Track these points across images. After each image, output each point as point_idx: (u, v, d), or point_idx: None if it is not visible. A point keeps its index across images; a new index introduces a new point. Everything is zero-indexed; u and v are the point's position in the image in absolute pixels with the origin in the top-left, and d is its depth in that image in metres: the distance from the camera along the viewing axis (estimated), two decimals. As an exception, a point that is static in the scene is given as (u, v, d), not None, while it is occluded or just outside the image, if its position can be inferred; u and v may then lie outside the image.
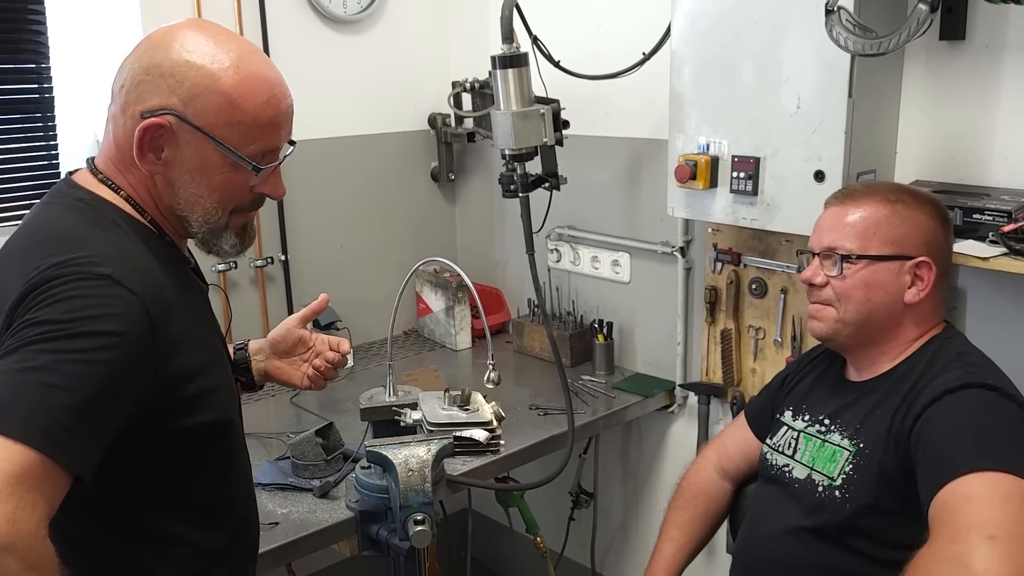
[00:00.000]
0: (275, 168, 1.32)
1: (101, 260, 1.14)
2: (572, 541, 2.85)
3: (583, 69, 2.42)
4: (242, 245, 1.37)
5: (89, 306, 1.10)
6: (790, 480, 1.65)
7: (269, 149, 1.28)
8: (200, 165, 1.24)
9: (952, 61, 1.90)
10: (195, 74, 1.20)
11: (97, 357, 1.09)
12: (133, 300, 1.13)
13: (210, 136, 1.22)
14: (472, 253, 3.16)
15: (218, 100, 1.21)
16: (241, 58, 1.24)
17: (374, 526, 1.61)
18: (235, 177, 1.27)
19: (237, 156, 1.24)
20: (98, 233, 1.20)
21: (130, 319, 1.13)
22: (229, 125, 1.22)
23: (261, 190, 1.32)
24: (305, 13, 2.70)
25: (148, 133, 1.21)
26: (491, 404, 2.14)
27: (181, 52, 1.21)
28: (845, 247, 1.59)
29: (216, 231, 1.31)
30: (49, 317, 1.08)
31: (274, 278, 2.75)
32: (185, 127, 1.21)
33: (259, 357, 1.69)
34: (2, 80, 2.42)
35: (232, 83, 1.22)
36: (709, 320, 2.43)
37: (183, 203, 1.27)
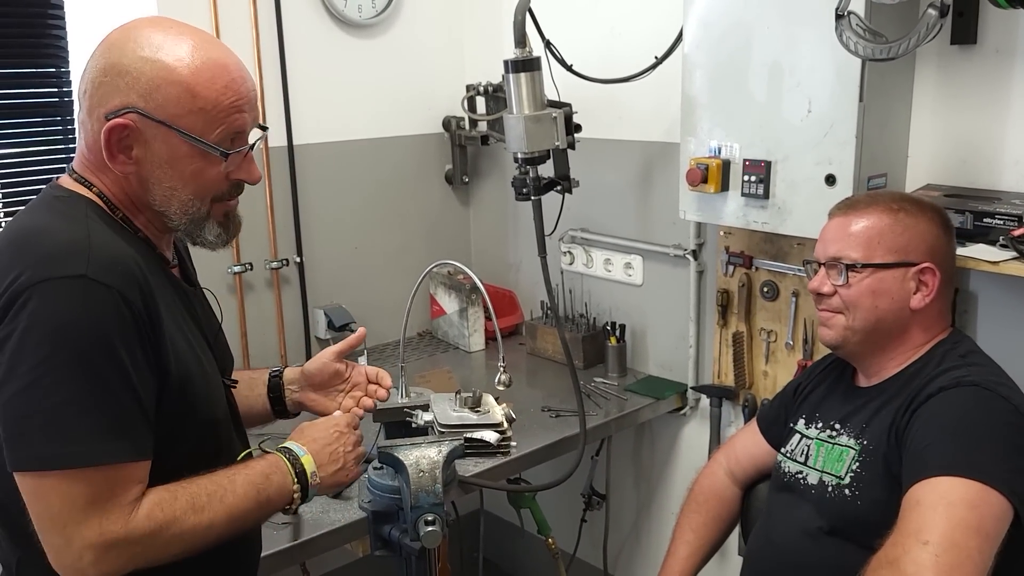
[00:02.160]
0: (247, 153, 1.32)
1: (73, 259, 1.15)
2: (584, 543, 2.86)
3: (596, 73, 2.43)
4: (227, 234, 1.36)
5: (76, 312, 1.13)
6: (805, 487, 1.66)
7: (235, 133, 1.27)
8: (170, 158, 1.24)
9: (963, 65, 1.91)
10: (151, 68, 1.21)
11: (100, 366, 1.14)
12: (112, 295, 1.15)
13: (174, 128, 1.22)
14: (486, 255, 3.18)
15: (177, 91, 1.21)
16: (195, 47, 1.24)
17: (386, 526, 1.63)
18: (206, 166, 1.26)
19: (204, 144, 1.24)
20: (68, 226, 1.21)
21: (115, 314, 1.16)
22: (191, 114, 1.22)
23: (236, 176, 1.31)
24: (320, 17, 2.73)
25: (114, 134, 1.21)
26: (502, 406, 2.16)
27: (136, 49, 1.22)
28: (850, 256, 1.61)
29: (197, 221, 1.31)
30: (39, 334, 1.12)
31: (289, 280, 2.78)
32: (149, 123, 1.21)
33: (293, 387, 1.65)
34: (22, 84, 2.46)
35: (189, 72, 1.22)
36: (721, 323, 2.43)
37: (159, 199, 1.27)
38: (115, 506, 1.15)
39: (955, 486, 1.38)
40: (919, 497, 1.40)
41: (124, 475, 1.17)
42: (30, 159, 2.49)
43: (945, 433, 1.45)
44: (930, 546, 1.33)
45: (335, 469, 1.44)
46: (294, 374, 1.66)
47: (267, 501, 1.32)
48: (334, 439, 1.45)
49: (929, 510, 1.37)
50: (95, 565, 1.15)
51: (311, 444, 1.41)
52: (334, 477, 1.44)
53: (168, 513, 1.20)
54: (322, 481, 1.40)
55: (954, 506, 1.36)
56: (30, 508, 1.16)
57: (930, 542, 1.33)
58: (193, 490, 1.23)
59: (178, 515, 1.20)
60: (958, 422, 1.46)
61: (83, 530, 1.14)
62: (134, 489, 1.18)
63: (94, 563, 1.15)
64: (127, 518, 1.16)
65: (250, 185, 1.35)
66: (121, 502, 1.16)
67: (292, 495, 1.35)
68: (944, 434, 1.45)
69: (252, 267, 2.66)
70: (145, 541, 1.18)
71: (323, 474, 1.40)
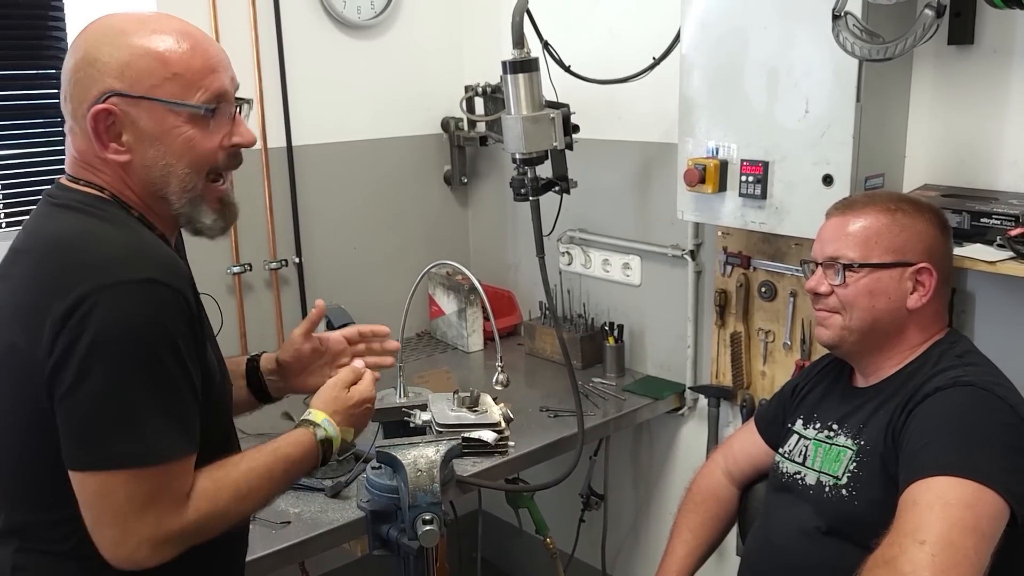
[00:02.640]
0: (235, 116, 1.32)
1: (138, 262, 1.18)
2: (582, 542, 2.87)
3: (594, 74, 2.44)
4: (223, 220, 1.36)
5: (147, 315, 1.16)
6: (803, 487, 1.67)
7: (216, 93, 1.27)
8: (159, 132, 1.24)
9: (961, 65, 1.91)
10: (117, 50, 1.22)
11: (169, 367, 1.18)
12: (177, 297, 1.19)
13: (155, 99, 1.23)
14: (485, 256, 3.18)
15: (147, 62, 1.22)
16: (156, 21, 1.26)
17: (384, 526, 1.64)
18: (196, 134, 1.26)
19: (187, 106, 1.24)
20: (117, 230, 1.23)
21: (179, 316, 1.20)
22: (167, 81, 1.23)
23: (229, 142, 1.31)
24: (319, 18, 2.73)
25: (99, 122, 1.22)
26: (500, 406, 2.16)
27: (100, 38, 1.24)
28: (847, 256, 1.61)
29: (195, 202, 1.31)
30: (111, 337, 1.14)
31: (288, 280, 2.78)
32: (129, 101, 1.22)
33: (273, 378, 1.66)
34: (22, 85, 2.46)
35: (155, 43, 1.23)
36: (719, 323, 2.44)
37: (158, 181, 1.27)
38: (171, 500, 1.20)
39: (952, 486, 1.38)
40: (916, 497, 1.40)
41: (181, 469, 1.22)
42: (30, 160, 2.49)
43: (942, 433, 1.45)
44: (927, 545, 1.33)
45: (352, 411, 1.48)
46: (270, 363, 1.67)
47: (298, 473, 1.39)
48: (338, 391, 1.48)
49: (926, 510, 1.37)
50: (152, 557, 1.20)
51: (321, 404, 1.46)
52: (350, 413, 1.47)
53: (215, 504, 1.25)
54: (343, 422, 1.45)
55: (950, 506, 1.36)
56: (89, 504, 1.19)
57: (927, 541, 1.33)
58: (236, 478, 1.29)
59: (224, 506, 1.26)
60: (955, 422, 1.46)
61: (141, 525, 1.18)
62: (187, 481, 1.23)
63: (151, 556, 1.20)
64: (182, 512, 1.21)
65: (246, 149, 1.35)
66: (176, 496, 1.21)
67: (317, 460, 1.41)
68: (941, 434, 1.45)
69: (251, 268, 2.66)
70: (197, 531, 1.23)
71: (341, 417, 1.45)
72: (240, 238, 2.63)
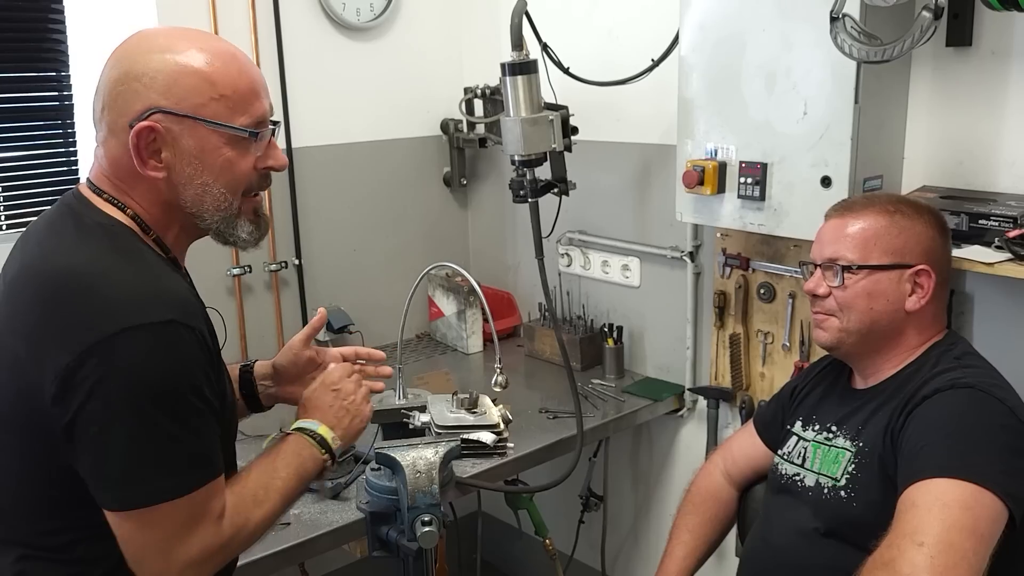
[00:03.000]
0: (271, 139, 1.33)
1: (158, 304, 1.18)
2: (582, 544, 2.87)
3: (593, 75, 2.44)
4: (258, 231, 1.37)
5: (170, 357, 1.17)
6: (802, 489, 1.67)
7: (258, 118, 1.28)
8: (199, 152, 1.25)
9: (959, 67, 1.91)
10: (164, 66, 1.22)
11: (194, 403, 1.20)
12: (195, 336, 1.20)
13: (199, 119, 1.23)
14: (484, 257, 3.18)
15: (195, 80, 1.22)
16: (199, 39, 1.26)
17: (384, 527, 1.64)
18: (236, 156, 1.27)
19: (231, 128, 1.25)
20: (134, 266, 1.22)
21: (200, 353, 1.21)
22: (213, 101, 1.23)
23: (263, 164, 1.32)
24: (319, 20, 2.74)
25: (142, 139, 1.22)
26: (499, 407, 2.17)
27: (145, 53, 1.23)
28: (846, 258, 1.61)
29: (230, 219, 1.32)
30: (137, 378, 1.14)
31: (288, 282, 2.78)
32: (173, 119, 1.22)
33: (267, 383, 1.66)
34: (23, 88, 2.46)
35: (201, 62, 1.23)
36: (718, 324, 2.44)
37: (192, 199, 1.27)
38: (208, 520, 1.22)
39: (950, 488, 1.38)
40: (914, 499, 1.40)
41: (212, 491, 1.23)
42: (30, 163, 2.50)
43: (940, 435, 1.46)
44: (925, 547, 1.33)
45: (348, 422, 1.48)
46: (265, 369, 1.67)
47: (307, 474, 1.39)
48: (334, 398, 1.49)
49: (924, 511, 1.37)
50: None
51: (318, 413, 1.46)
52: (351, 429, 1.49)
53: (243, 515, 1.28)
54: (344, 439, 1.46)
55: (949, 508, 1.36)
56: (129, 540, 1.20)
57: (925, 543, 1.34)
58: (251, 487, 1.31)
59: (250, 515, 1.29)
60: (953, 424, 1.46)
61: (185, 549, 1.20)
62: (220, 500, 1.25)
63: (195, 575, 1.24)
64: (219, 529, 1.24)
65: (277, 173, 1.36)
66: (212, 515, 1.23)
67: (324, 462, 1.42)
68: (939, 436, 1.46)
69: (251, 269, 2.66)
70: (232, 545, 1.27)
71: (341, 434, 1.46)
72: (240, 240, 2.63)
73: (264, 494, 1.32)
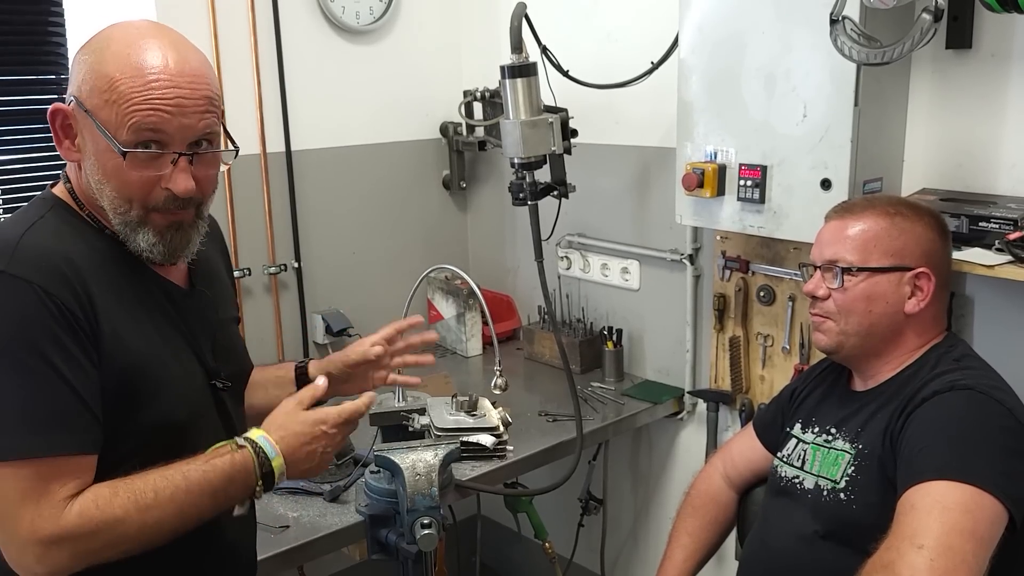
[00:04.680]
0: (177, 161, 1.23)
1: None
2: (582, 547, 2.86)
3: (592, 78, 2.44)
4: (165, 248, 1.28)
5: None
6: (801, 491, 1.66)
7: (146, 137, 1.21)
8: (95, 151, 1.24)
9: (959, 70, 1.91)
10: (90, 59, 1.23)
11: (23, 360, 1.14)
12: (31, 289, 1.15)
13: (92, 118, 1.21)
14: (483, 260, 3.18)
15: (100, 82, 1.21)
16: (143, 43, 1.22)
17: (383, 530, 1.64)
18: (123, 166, 1.22)
19: (110, 138, 1.20)
20: (10, 226, 1.25)
21: (37, 308, 1.15)
22: (107, 105, 1.20)
23: (166, 184, 1.24)
24: (319, 24, 2.74)
25: (56, 119, 1.25)
26: (499, 410, 2.16)
27: (93, 43, 1.25)
28: (846, 260, 1.61)
29: (130, 225, 1.26)
30: None
31: (287, 285, 2.78)
32: (79, 112, 1.23)
33: None
34: (22, 91, 2.47)
35: (116, 64, 1.20)
36: (718, 327, 2.44)
37: (96, 192, 1.26)
38: (47, 502, 1.14)
39: (950, 490, 1.38)
40: (914, 501, 1.40)
41: (57, 469, 1.16)
42: (29, 165, 2.49)
43: (940, 437, 1.45)
44: (925, 550, 1.33)
45: (306, 467, 1.36)
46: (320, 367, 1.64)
47: (225, 499, 1.27)
48: (314, 438, 1.35)
49: (924, 514, 1.37)
50: (39, 562, 1.15)
51: (288, 440, 1.32)
52: (302, 471, 1.36)
53: (106, 511, 1.17)
54: (287, 475, 1.33)
55: (949, 510, 1.36)
56: None
57: (925, 546, 1.33)
58: (138, 486, 1.19)
59: (119, 513, 1.17)
60: (953, 426, 1.46)
61: (18, 526, 1.14)
62: (70, 484, 1.16)
63: (38, 559, 1.15)
64: (59, 514, 1.15)
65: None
66: (54, 498, 1.15)
67: (252, 493, 1.30)
68: (939, 438, 1.45)
69: (250, 272, 2.66)
70: (84, 538, 1.16)
71: (291, 470, 1.33)
72: (239, 242, 2.63)
73: (153, 500, 1.19)
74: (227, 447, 1.28)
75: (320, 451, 1.36)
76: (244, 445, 1.29)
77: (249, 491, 1.29)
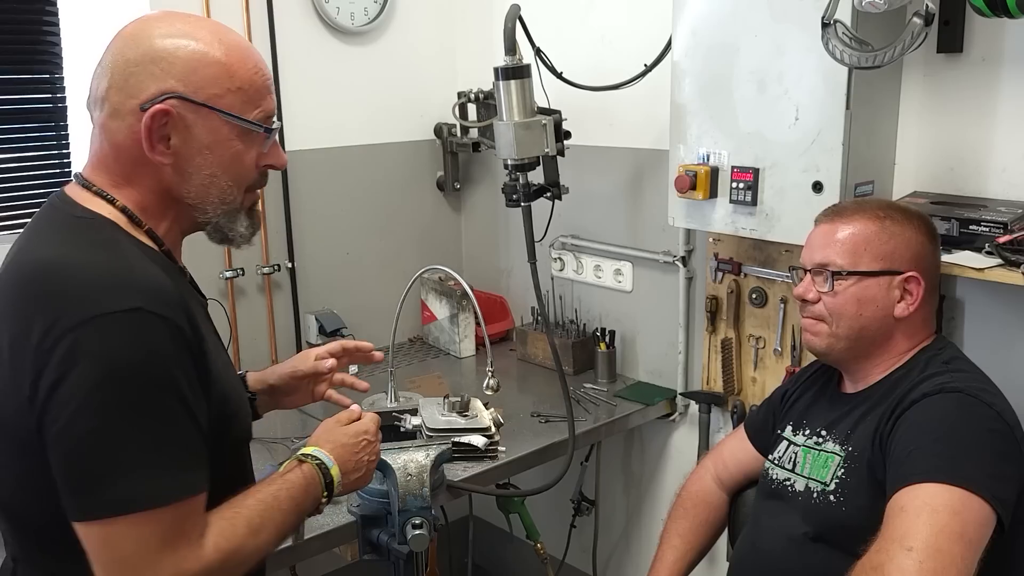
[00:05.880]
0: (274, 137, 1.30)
1: (124, 291, 1.11)
2: (574, 548, 2.87)
3: (586, 80, 2.45)
4: (253, 227, 1.33)
5: (135, 347, 1.09)
6: (792, 494, 1.67)
7: (268, 114, 1.27)
8: (211, 142, 1.22)
9: (950, 74, 1.92)
10: (184, 52, 1.19)
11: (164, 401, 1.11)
12: (167, 325, 1.12)
13: (215, 108, 1.20)
14: (477, 261, 3.19)
15: (215, 70, 1.20)
16: (219, 30, 1.24)
17: (375, 530, 1.64)
18: (244, 150, 1.25)
19: (246, 122, 1.23)
20: (104, 255, 1.16)
21: (172, 345, 1.12)
22: (230, 93, 1.21)
23: (266, 161, 1.30)
24: (313, 24, 2.74)
25: (155, 121, 1.17)
26: (491, 410, 2.16)
27: (163, 37, 1.20)
28: (836, 263, 1.62)
29: (232, 213, 1.29)
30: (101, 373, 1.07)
31: (281, 285, 2.78)
32: (189, 106, 1.19)
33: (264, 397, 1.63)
34: (17, 90, 2.47)
35: (222, 52, 1.21)
36: (710, 329, 2.45)
37: (196, 189, 1.24)
38: (185, 543, 1.12)
39: (939, 492, 1.39)
40: (903, 503, 1.41)
41: (191, 509, 1.14)
42: (24, 165, 2.49)
43: (929, 439, 1.46)
44: (914, 552, 1.34)
45: (356, 476, 1.42)
46: (260, 378, 1.63)
47: (304, 512, 1.32)
48: (362, 447, 1.43)
49: (913, 516, 1.38)
50: None
51: (339, 451, 1.39)
52: (354, 484, 1.43)
53: (233, 541, 1.17)
54: (343, 488, 1.39)
55: (938, 512, 1.37)
56: (95, 557, 1.10)
57: (914, 548, 1.34)
58: (247, 513, 1.21)
59: (240, 541, 1.19)
60: (942, 428, 1.47)
61: (159, 573, 1.10)
62: (200, 521, 1.15)
63: None
64: (199, 553, 1.13)
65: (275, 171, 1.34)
66: (191, 538, 1.13)
67: (321, 504, 1.35)
68: (928, 440, 1.46)
69: (244, 272, 2.66)
70: (220, 572, 1.16)
71: (345, 481, 1.39)
72: (233, 243, 2.63)
73: (260, 522, 1.22)
74: (293, 463, 1.33)
75: (367, 459, 1.44)
76: (305, 459, 1.34)
77: (317, 503, 1.34)
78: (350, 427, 1.44)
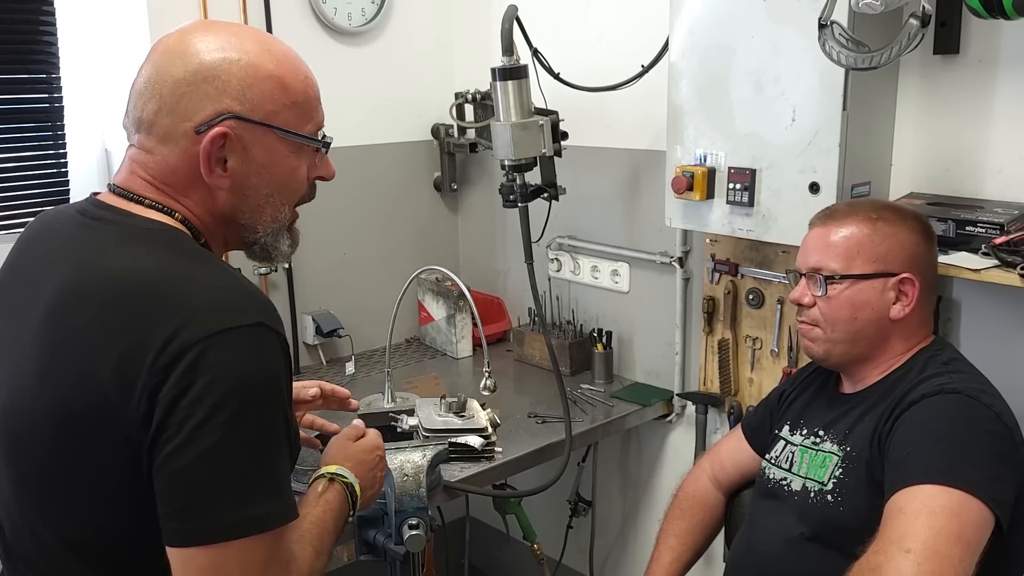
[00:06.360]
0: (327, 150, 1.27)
1: (246, 307, 1.08)
2: (570, 549, 2.87)
3: (583, 81, 2.45)
4: (294, 245, 1.30)
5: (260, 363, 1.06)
6: (789, 493, 1.67)
7: (320, 125, 1.23)
8: (267, 161, 1.17)
9: (946, 75, 1.92)
10: (237, 67, 1.13)
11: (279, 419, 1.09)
12: (282, 342, 1.10)
13: (272, 126, 1.16)
14: (474, 262, 3.19)
15: (270, 85, 1.15)
16: (265, 39, 1.20)
17: (371, 531, 1.64)
18: (298, 166, 1.21)
19: (303, 138, 1.19)
20: (213, 270, 1.12)
21: (285, 362, 1.11)
22: (286, 108, 1.17)
23: (316, 174, 1.26)
24: (311, 25, 2.74)
25: (213, 145, 1.12)
26: (487, 411, 2.17)
27: (211, 52, 1.13)
28: (829, 267, 1.62)
29: (279, 232, 1.25)
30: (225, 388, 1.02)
31: (278, 286, 2.78)
32: (246, 126, 1.14)
33: None
34: (13, 90, 2.46)
35: (274, 65, 1.16)
36: (707, 330, 2.45)
37: (251, 210, 1.20)
38: (278, 569, 1.08)
39: (937, 494, 1.39)
40: (901, 504, 1.41)
41: (286, 535, 1.11)
42: (21, 164, 2.49)
43: (927, 440, 1.46)
44: (912, 554, 1.34)
45: (371, 492, 1.42)
46: None
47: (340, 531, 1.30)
48: (375, 463, 1.43)
49: (911, 517, 1.38)
50: None
51: (357, 468, 1.37)
52: (369, 500, 1.43)
53: (309, 562, 1.16)
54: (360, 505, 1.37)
55: (936, 514, 1.37)
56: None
57: (912, 550, 1.34)
58: (309, 538, 1.19)
59: (310, 567, 1.16)
60: (941, 430, 1.47)
61: None
62: (289, 548, 1.12)
63: None
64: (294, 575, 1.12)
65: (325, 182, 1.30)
66: (282, 564, 1.09)
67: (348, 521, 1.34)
68: (926, 441, 1.46)
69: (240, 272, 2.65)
70: None
71: (363, 497, 1.38)
72: (229, 243, 2.63)
73: (320, 546, 1.20)
74: (324, 482, 1.31)
75: (379, 475, 1.45)
76: (335, 479, 1.33)
77: (346, 521, 1.33)
78: (363, 444, 1.43)
